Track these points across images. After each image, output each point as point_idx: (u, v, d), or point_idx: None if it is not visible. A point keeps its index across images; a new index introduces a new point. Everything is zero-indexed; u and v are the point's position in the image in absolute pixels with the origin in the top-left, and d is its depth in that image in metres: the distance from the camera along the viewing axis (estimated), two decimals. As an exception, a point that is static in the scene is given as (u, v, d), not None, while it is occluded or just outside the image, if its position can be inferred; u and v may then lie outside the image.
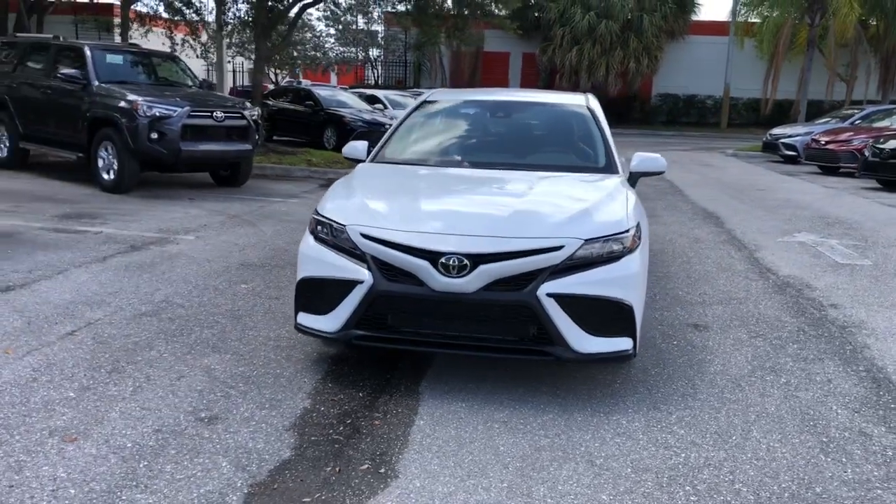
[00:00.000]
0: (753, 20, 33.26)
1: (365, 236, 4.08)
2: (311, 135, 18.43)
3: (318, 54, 31.57)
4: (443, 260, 3.89)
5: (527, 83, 37.69)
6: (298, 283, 4.31)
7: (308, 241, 4.35)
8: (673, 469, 3.36)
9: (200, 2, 18.94)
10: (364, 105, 19.47)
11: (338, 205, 4.46)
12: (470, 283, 3.88)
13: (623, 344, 4.07)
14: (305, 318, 4.26)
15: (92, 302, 5.39)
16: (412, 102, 6.23)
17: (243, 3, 17.58)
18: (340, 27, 33.02)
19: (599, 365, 4.48)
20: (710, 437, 3.69)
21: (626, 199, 4.56)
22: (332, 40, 34.59)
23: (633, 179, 5.32)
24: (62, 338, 4.66)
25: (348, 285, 4.04)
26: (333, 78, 41.96)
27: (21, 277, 5.91)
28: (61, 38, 11.79)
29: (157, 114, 9.92)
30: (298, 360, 4.49)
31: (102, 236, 7.55)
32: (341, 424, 3.70)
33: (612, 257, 4.06)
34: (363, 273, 4.02)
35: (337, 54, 34.41)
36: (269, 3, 15.08)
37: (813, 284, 6.72)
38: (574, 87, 34.91)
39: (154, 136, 9.90)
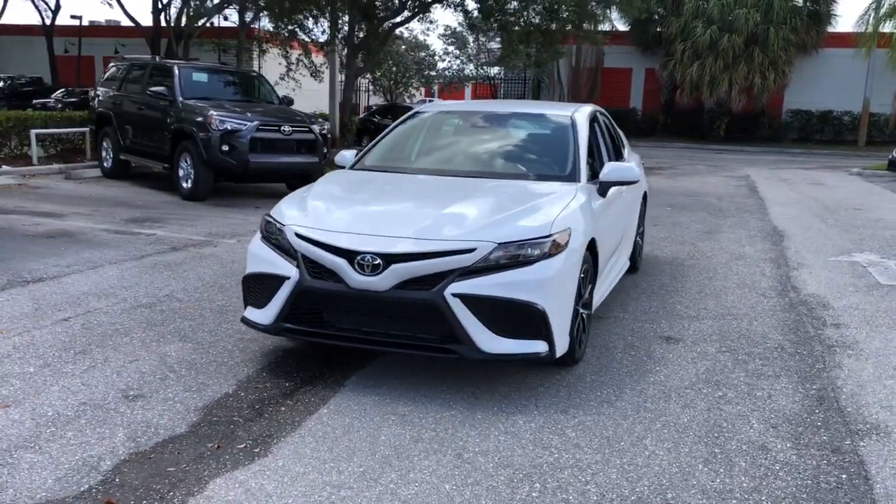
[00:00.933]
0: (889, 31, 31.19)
1: (298, 235, 4.35)
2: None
3: (432, 73, 32.28)
4: (358, 259, 4.10)
5: (648, 99, 37.01)
6: (243, 278, 4.63)
7: (256, 239, 4.66)
8: (535, 468, 3.40)
9: (315, 23, 19.87)
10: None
11: (286, 206, 4.76)
12: (382, 281, 4.06)
13: (535, 346, 4.13)
14: (249, 312, 4.57)
15: (102, 294, 5.93)
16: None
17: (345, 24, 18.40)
18: (452, 44, 33.60)
19: (536, 368, 4.53)
20: (598, 441, 3.69)
21: (567, 206, 4.58)
22: (452, 58, 35.29)
23: (604, 189, 5.30)
24: (56, 322, 5.19)
25: (279, 281, 4.32)
26: (468, 93, 42.76)
27: (57, 271, 6.57)
28: (157, 59, 12.83)
29: (229, 128, 10.64)
30: (251, 351, 4.79)
31: (153, 238, 8.21)
32: (249, 409, 3.96)
33: (528, 261, 4.12)
34: (292, 270, 4.29)
35: (455, 72, 35.01)
36: (359, 24, 15.70)
37: (831, 304, 6.39)
38: (696, 104, 33.98)
39: (225, 148, 10.63)
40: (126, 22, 26.69)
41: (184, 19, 22.61)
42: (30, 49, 40.05)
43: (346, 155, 5.87)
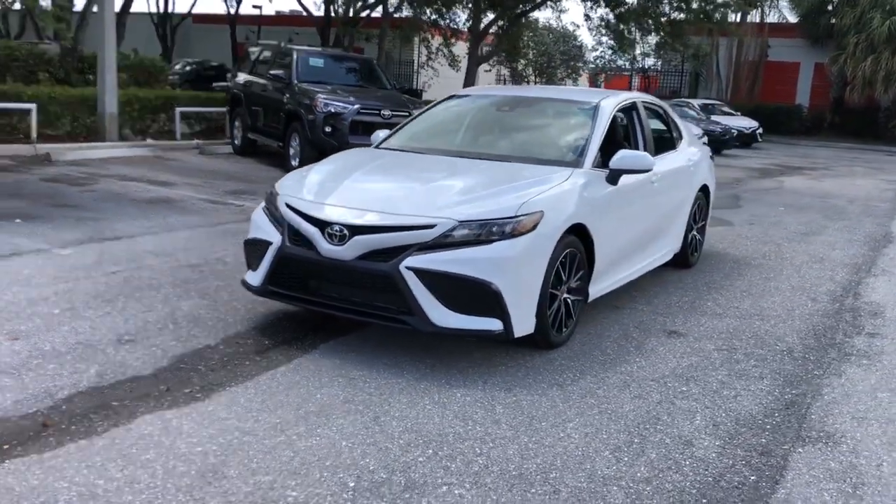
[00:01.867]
0: None
1: (287, 205, 4.66)
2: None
3: (580, 64, 31.89)
4: (328, 229, 4.35)
5: (815, 96, 34.75)
6: (243, 243, 4.99)
7: (259, 208, 5.01)
8: (440, 436, 3.50)
9: (447, 11, 20.27)
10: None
11: (288, 178, 5.08)
12: (347, 251, 4.29)
13: (489, 324, 4.21)
14: (246, 275, 4.93)
15: (162, 253, 6.53)
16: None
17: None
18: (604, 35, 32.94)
19: (509, 348, 4.59)
20: (520, 419, 3.72)
21: (548, 189, 4.60)
22: (605, 48, 34.66)
23: (614, 176, 5.22)
24: (105, 274, 5.79)
25: (266, 246, 4.65)
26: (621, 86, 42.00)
27: (135, 231, 7.28)
28: (282, 44, 13.63)
29: (332, 110, 11.20)
30: (254, 312, 5.15)
31: (239, 209, 8.84)
32: (218, 361, 4.30)
33: (488, 240, 4.20)
34: (276, 236, 4.60)
35: (606, 63, 34.40)
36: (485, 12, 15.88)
37: (885, 314, 5.94)
38: (868, 102, 31.50)
39: (328, 129, 11.21)
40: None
41: (351, 10, 23.62)
42: (215, 37, 43.10)
43: (380, 134, 6.12)
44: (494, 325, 4.21)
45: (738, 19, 36.55)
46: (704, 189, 7.23)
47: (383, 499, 2.97)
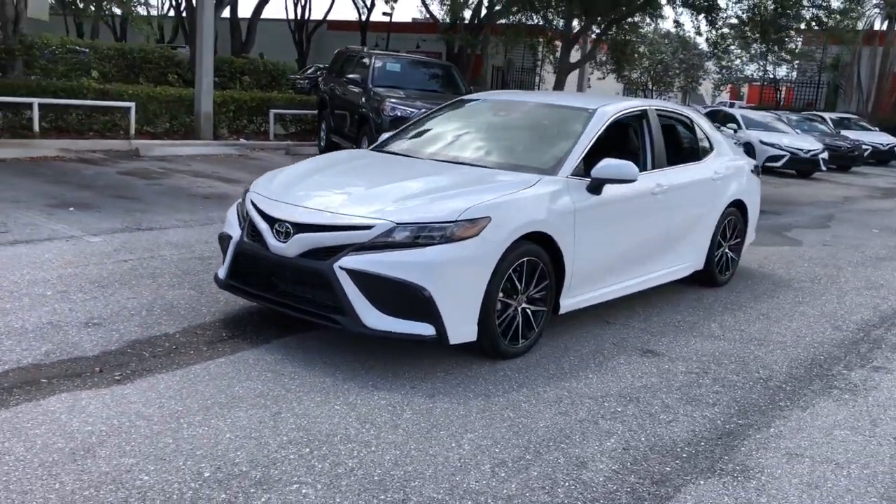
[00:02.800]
0: None
1: (251, 201, 4.77)
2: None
3: (700, 73, 30.72)
4: (276, 226, 4.42)
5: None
6: (217, 237, 5.15)
7: (234, 204, 5.15)
8: (328, 437, 3.47)
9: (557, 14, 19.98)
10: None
11: (262, 177, 5.19)
12: (290, 248, 4.34)
13: (421, 329, 4.15)
14: (219, 269, 5.08)
15: (181, 245, 6.82)
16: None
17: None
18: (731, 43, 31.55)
19: (459, 355, 4.50)
20: (420, 427, 3.64)
21: (504, 196, 4.49)
22: (732, 57, 33.23)
23: (596, 186, 5.02)
24: (115, 262, 6.11)
25: (229, 240, 4.78)
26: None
27: (171, 224, 7.64)
28: (363, 49, 13.93)
29: (398, 114, 11.34)
30: (235, 305, 5.25)
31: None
32: (166, 348, 4.43)
33: (426, 244, 4.14)
34: (237, 231, 4.72)
35: (733, 73, 32.99)
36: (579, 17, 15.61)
37: (911, 346, 5.41)
38: None
39: (394, 132, 11.34)
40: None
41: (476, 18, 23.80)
42: (347, 43, 44.55)
43: (384, 137, 6.16)
44: (426, 329, 4.15)
45: (884, 27, 34.19)
46: (738, 204, 6.82)
47: (227, 490, 2.99)
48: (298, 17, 42.02)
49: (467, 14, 22.44)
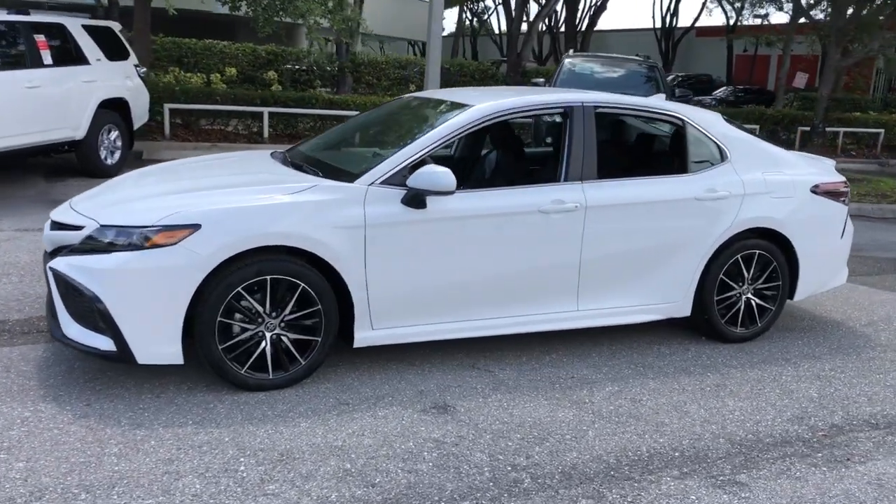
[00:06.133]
0: None
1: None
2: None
3: None
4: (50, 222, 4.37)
5: None
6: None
7: None
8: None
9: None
10: None
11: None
12: (46, 245, 4.26)
13: (98, 342, 3.79)
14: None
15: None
16: None
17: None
18: None
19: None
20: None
21: (237, 201, 3.89)
22: None
23: (415, 197, 4.09)
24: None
25: None
26: None
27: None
28: (570, 51, 13.01)
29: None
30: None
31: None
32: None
33: (115, 248, 3.78)
34: None
35: None
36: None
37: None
38: None
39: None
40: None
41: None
42: (715, 49, 42.48)
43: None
44: (103, 343, 3.76)
45: None
46: (772, 235, 5.04)
47: None
48: (666, 24, 41.28)
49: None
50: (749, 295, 5.09)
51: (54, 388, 3.90)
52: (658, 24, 42.63)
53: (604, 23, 50.13)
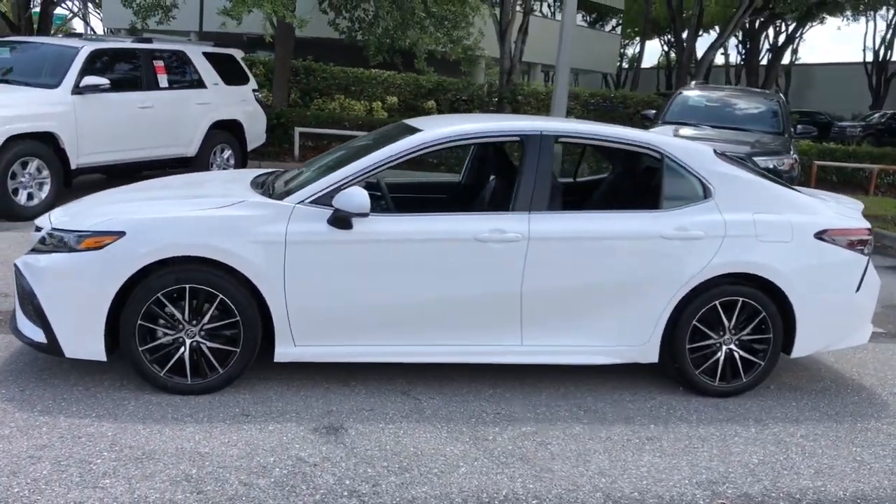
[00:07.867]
0: None
1: None
2: None
3: None
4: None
5: None
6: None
7: None
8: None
9: None
10: None
11: None
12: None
13: (35, 334, 4.17)
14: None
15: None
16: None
17: None
18: None
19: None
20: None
21: (164, 212, 4.14)
22: None
23: (340, 219, 4.16)
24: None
25: None
26: None
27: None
28: (693, 83, 12.37)
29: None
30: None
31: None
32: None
33: (56, 248, 4.16)
34: None
35: None
36: None
37: None
38: None
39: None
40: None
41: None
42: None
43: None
44: (36, 334, 4.14)
45: None
46: (757, 281, 4.59)
47: None
48: (879, 58, 38.52)
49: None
50: (732, 346, 4.65)
51: (11, 373, 4.32)
52: (869, 58, 39.72)
53: (809, 56, 47.17)
